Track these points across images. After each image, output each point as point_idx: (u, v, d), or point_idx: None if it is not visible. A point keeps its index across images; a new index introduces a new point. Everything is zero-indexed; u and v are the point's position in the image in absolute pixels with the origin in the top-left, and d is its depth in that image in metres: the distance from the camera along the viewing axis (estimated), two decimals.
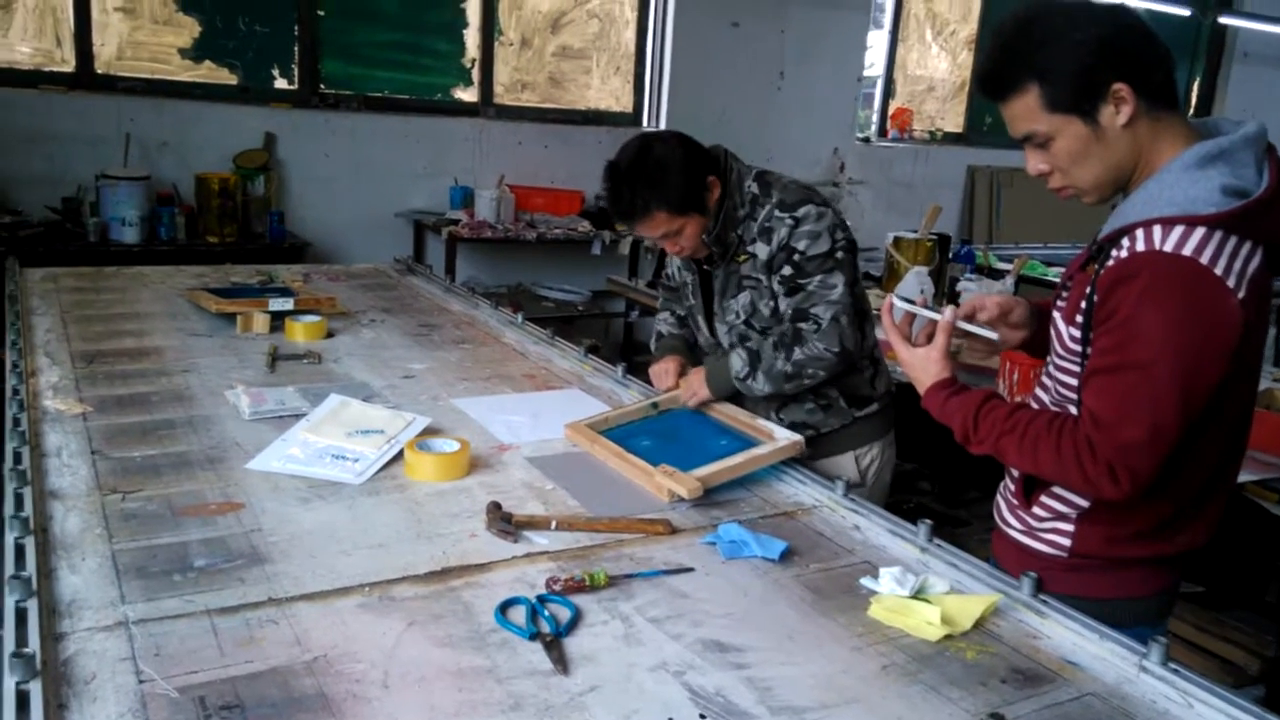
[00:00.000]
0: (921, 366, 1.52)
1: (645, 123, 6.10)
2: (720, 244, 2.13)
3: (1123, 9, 1.41)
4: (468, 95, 5.57)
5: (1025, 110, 1.39)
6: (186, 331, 2.65)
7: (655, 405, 2.19)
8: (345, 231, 5.15)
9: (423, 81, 5.45)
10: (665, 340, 2.42)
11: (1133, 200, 1.38)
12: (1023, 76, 1.38)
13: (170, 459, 1.77)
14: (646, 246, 5.53)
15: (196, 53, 4.86)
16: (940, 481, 3.59)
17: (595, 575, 1.40)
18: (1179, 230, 1.31)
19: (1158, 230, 1.32)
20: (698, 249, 2.14)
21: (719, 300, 2.23)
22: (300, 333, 2.66)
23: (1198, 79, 8.34)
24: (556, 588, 1.37)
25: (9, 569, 1.29)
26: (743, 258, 2.14)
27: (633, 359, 4.65)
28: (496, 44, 5.57)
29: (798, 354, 2.06)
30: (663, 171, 2.02)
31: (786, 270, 2.08)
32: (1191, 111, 8.45)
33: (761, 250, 2.10)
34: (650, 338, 6.11)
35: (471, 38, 5.50)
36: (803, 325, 2.07)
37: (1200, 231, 1.30)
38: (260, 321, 2.69)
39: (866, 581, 1.46)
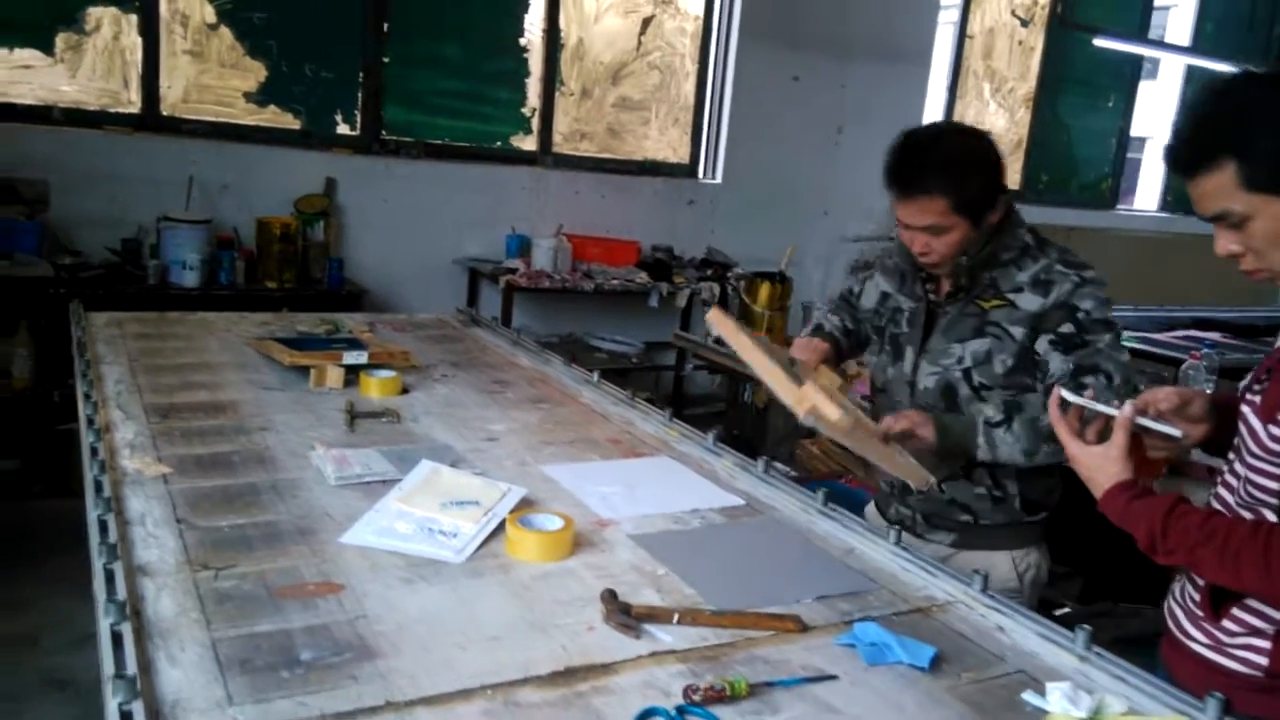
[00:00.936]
0: (1099, 466, 1.39)
1: (701, 174, 6.05)
2: (970, 276, 1.97)
3: None
4: (527, 144, 5.54)
5: (1218, 188, 1.28)
6: (258, 384, 2.57)
7: (793, 362, 2.07)
8: (401, 278, 5.10)
9: (483, 129, 5.43)
10: (823, 329, 2.27)
11: None
12: (1218, 152, 1.27)
13: (260, 530, 1.67)
14: (704, 299, 5.43)
15: (261, 97, 4.86)
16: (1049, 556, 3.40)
17: (735, 684, 1.27)
18: None
19: None
20: (944, 261, 1.95)
21: (937, 337, 2.04)
22: (375, 388, 2.57)
23: None
24: (696, 698, 1.25)
25: (107, 663, 1.18)
26: (994, 302, 1.96)
27: (683, 411, 4.52)
28: (558, 94, 5.55)
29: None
30: (963, 161, 1.87)
31: (1067, 327, 1.89)
32: None
33: (1030, 302, 1.93)
34: (700, 390, 5.97)
35: (533, 87, 5.49)
36: (1089, 379, 1.83)
37: None
38: (334, 376, 2.60)
39: (1031, 698, 1.32)
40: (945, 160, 1.87)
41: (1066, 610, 2.80)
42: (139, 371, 2.58)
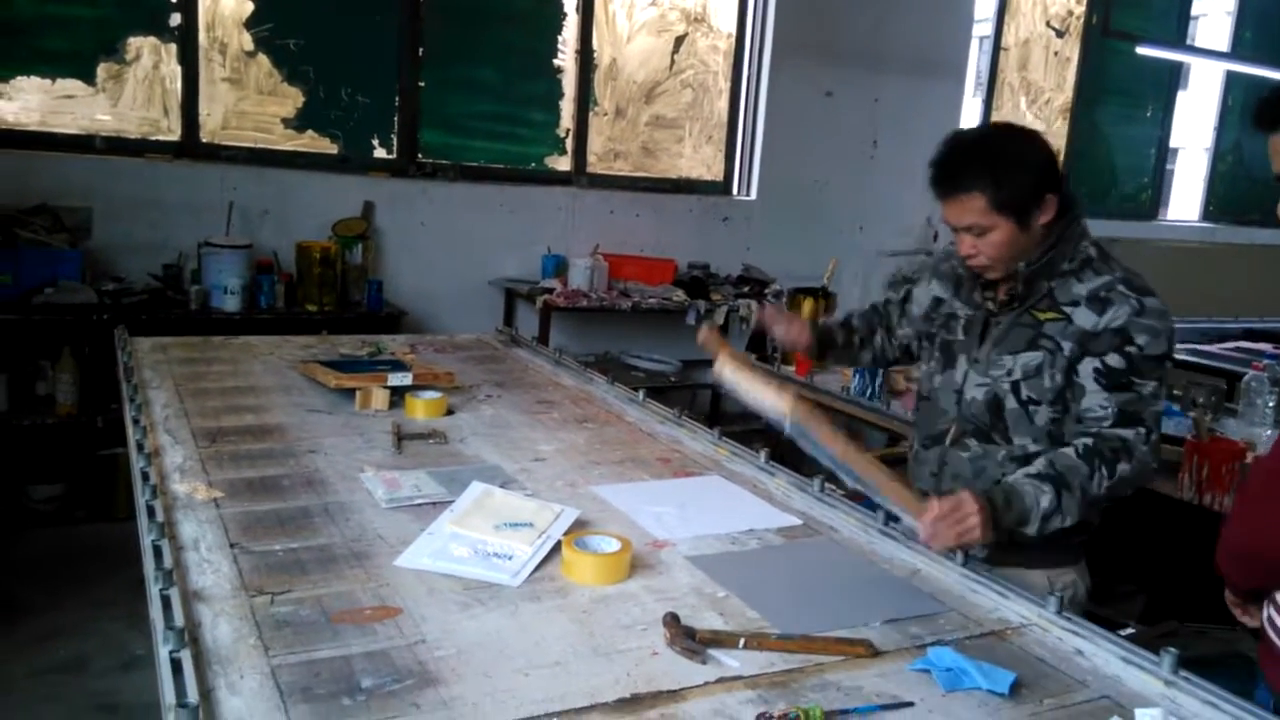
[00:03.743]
0: None
1: (736, 191, 6.02)
2: (1027, 284, 1.91)
3: None
4: (561, 164, 5.54)
5: None
6: (304, 407, 2.56)
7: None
8: (439, 300, 5.10)
9: (518, 151, 5.44)
10: (817, 323, 2.30)
11: None
12: None
13: (313, 553, 1.64)
14: (742, 316, 5.39)
15: (299, 122, 4.89)
16: (1089, 574, 3.31)
17: (810, 711, 1.23)
18: None
19: None
20: (994, 264, 1.90)
21: (992, 347, 1.98)
22: (421, 409, 2.55)
23: None
24: None
25: (168, 691, 1.15)
26: (1049, 314, 1.90)
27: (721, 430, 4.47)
28: (591, 114, 5.55)
29: (1123, 469, 1.78)
30: (1004, 158, 1.82)
31: (1116, 361, 1.82)
32: None
33: (1085, 319, 1.85)
34: (738, 408, 5.91)
35: (567, 108, 5.49)
36: (1129, 434, 1.80)
37: None
38: (380, 398, 2.59)
39: None
40: (985, 158, 1.83)
41: (1130, 631, 2.71)
42: (185, 396, 2.58)
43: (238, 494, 1.89)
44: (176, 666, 1.20)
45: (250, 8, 4.73)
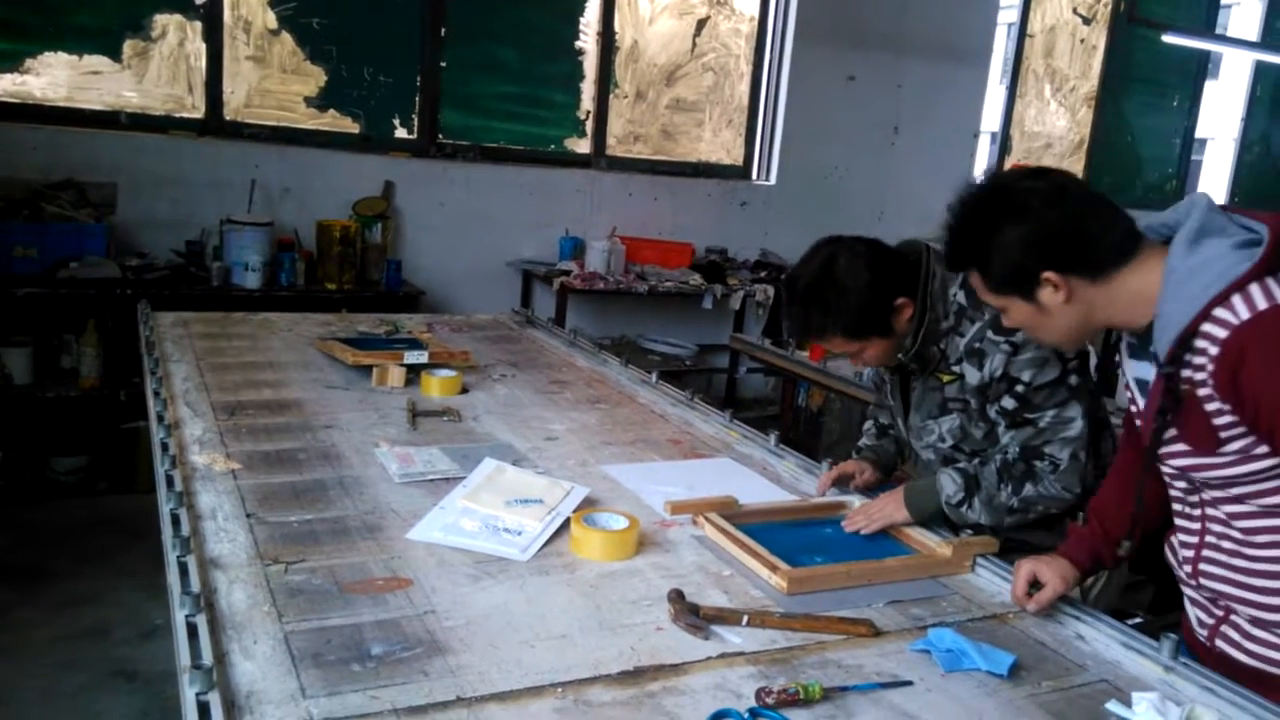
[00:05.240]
0: None
1: (755, 176, 6.01)
2: (920, 360, 1.93)
3: (1064, 192, 1.39)
4: (581, 146, 5.55)
5: (980, 288, 1.48)
6: (322, 383, 2.59)
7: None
8: (457, 280, 5.13)
9: (538, 133, 5.45)
10: (863, 452, 2.20)
11: (1166, 316, 1.30)
12: (966, 264, 1.48)
13: (327, 525, 1.68)
14: (758, 301, 5.41)
15: (322, 101, 4.92)
16: None
17: (809, 688, 1.25)
18: (1239, 296, 1.25)
19: (1223, 310, 1.25)
20: (885, 361, 1.95)
21: (914, 414, 2.02)
22: (436, 387, 2.58)
23: None
24: (769, 701, 1.22)
25: (183, 654, 1.19)
26: (947, 378, 1.92)
27: (736, 414, 4.47)
28: (612, 96, 5.55)
29: (1029, 491, 1.84)
30: (841, 295, 1.82)
31: (1009, 402, 1.86)
32: None
33: (971, 374, 1.88)
34: (753, 393, 5.90)
35: (587, 90, 5.49)
36: (1036, 463, 1.85)
37: (1257, 285, 1.25)
38: (396, 375, 2.62)
39: (1116, 708, 1.27)
40: (823, 305, 1.85)
41: (1139, 620, 2.72)
42: (205, 370, 2.62)
43: (255, 466, 1.93)
44: (192, 630, 1.24)
45: None
